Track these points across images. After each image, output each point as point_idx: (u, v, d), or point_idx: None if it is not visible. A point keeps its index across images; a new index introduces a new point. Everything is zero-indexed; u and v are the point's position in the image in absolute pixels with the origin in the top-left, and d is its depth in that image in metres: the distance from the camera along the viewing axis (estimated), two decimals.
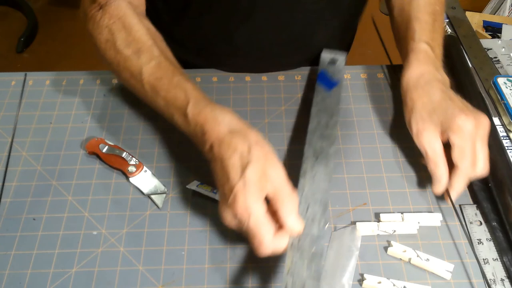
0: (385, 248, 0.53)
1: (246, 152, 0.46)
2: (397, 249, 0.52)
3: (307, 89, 0.69)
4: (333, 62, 0.70)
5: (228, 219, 0.47)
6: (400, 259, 0.52)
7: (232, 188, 0.45)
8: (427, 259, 0.51)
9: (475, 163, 0.53)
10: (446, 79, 0.60)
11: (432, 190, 0.56)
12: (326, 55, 0.71)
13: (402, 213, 0.55)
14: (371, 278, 0.50)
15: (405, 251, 0.52)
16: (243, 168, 0.46)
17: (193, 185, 0.57)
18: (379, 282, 0.50)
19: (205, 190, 0.56)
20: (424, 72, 0.59)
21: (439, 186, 0.55)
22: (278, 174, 0.46)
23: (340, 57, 0.71)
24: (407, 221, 0.54)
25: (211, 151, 0.49)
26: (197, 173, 0.60)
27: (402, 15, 0.66)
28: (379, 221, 0.55)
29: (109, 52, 0.57)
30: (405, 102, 0.59)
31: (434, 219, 0.54)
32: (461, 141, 0.53)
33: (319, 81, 0.67)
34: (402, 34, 0.65)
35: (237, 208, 0.45)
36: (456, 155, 0.53)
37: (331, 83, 0.66)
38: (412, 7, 0.64)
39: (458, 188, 0.54)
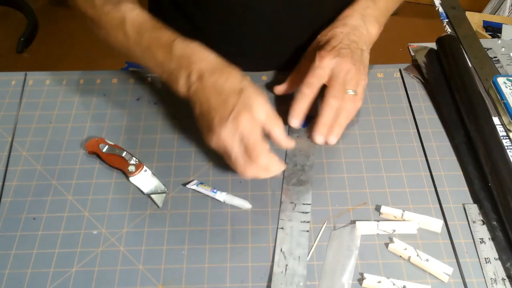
0: (386, 245, 0.53)
1: (239, 79, 0.53)
2: (398, 246, 0.52)
3: None
4: None
5: (225, 135, 0.50)
6: (400, 256, 0.52)
7: (234, 106, 0.50)
8: (427, 260, 0.51)
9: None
10: (362, 29, 0.63)
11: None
12: None
13: (403, 210, 0.55)
14: (371, 277, 0.50)
15: (405, 248, 0.52)
16: (241, 91, 0.51)
17: (193, 185, 0.57)
18: (379, 282, 0.50)
19: (205, 190, 0.57)
20: (349, 16, 0.64)
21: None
22: (267, 103, 0.52)
23: None
24: (408, 219, 0.54)
25: (200, 79, 0.53)
26: (197, 173, 0.60)
27: None
28: (380, 214, 0.55)
29: (89, 11, 0.60)
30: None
31: (435, 224, 0.54)
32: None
33: None
34: None
35: (240, 124, 0.50)
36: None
37: (306, 118, 0.60)
38: None
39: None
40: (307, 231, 0.54)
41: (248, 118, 0.50)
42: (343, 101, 0.57)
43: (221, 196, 0.56)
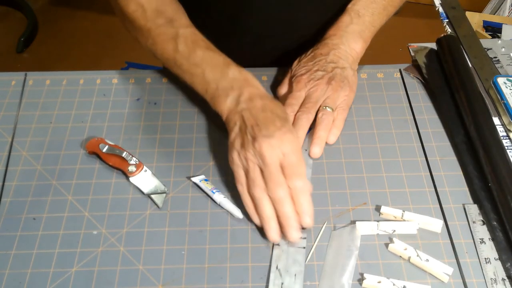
0: (386, 245, 0.53)
1: (284, 110, 0.57)
2: (398, 246, 0.52)
3: None
4: None
5: (270, 145, 0.52)
6: (400, 257, 0.52)
7: (281, 127, 0.53)
8: (427, 260, 0.51)
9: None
10: (343, 48, 0.65)
11: None
12: None
13: (403, 210, 0.55)
14: (371, 277, 0.50)
15: (406, 248, 0.52)
16: (286, 119, 0.55)
17: (197, 179, 0.58)
18: (379, 282, 0.50)
19: (205, 187, 0.57)
20: (331, 35, 0.67)
21: None
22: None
23: None
24: (408, 219, 0.54)
25: (250, 100, 0.56)
26: (197, 173, 0.60)
27: None
28: (380, 214, 0.55)
29: (138, 21, 0.63)
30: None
31: (436, 224, 0.54)
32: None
33: None
34: None
35: (284, 141, 0.52)
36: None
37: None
38: None
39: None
40: (304, 247, 0.53)
41: (293, 139, 0.53)
42: (317, 117, 0.61)
43: (218, 197, 0.56)
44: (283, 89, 0.66)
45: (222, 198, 0.56)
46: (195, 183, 0.58)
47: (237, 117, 0.56)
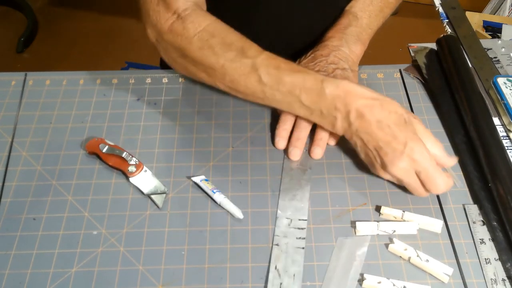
0: (386, 245, 0.53)
1: (400, 111, 0.54)
2: (398, 247, 0.52)
3: None
4: None
5: (403, 168, 0.53)
6: (400, 257, 0.52)
7: (405, 140, 0.52)
8: (427, 260, 0.51)
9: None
10: (343, 50, 0.65)
11: None
12: None
13: (403, 211, 0.55)
14: (371, 278, 0.50)
15: (406, 249, 0.52)
16: (406, 124, 0.53)
17: (198, 179, 0.58)
18: (379, 282, 0.50)
19: (206, 187, 0.57)
20: (331, 37, 0.66)
21: None
22: (430, 133, 0.56)
23: None
24: (408, 219, 0.54)
25: (361, 117, 0.53)
26: (197, 173, 0.60)
27: None
28: (380, 214, 0.55)
29: (207, 59, 0.58)
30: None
31: (436, 225, 0.54)
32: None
33: None
34: None
35: (416, 157, 0.52)
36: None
37: None
38: None
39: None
40: (303, 248, 0.53)
41: (422, 150, 0.52)
42: None
43: (218, 197, 0.56)
44: None
45: (222, 198, 0.56)
46: (195, 183, 0.58)
47: (355, 138, 0.55)
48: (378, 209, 0.56)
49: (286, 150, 0.61)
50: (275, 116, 0.65)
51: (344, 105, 0.54)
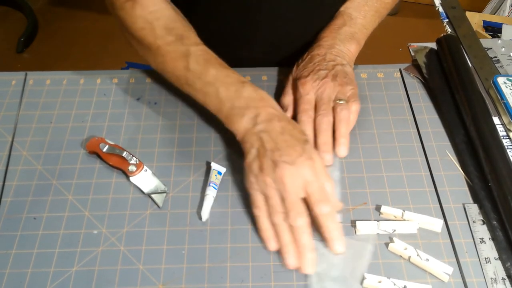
0: (386, 245, 0.53)
1: (303, 132, 0.56)
2: (398, 246, 0.52)
3: None
4: None
5: (287, 175, 0.51)
6: (400, 256, 0.52)
7: (301, 152, 0.52)
8: (427, 259, 0.51)
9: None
10: (339, 48, 0.66)
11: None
12: None
13: (403, 210, 0.55)
14: (371, 277, 0.50)
15: (406, 248, 0.52)
16: (305, 142, 0.54)
17: (216, 166, 0.59)
18: (380, 282, 0.50)
19: (211, 176, 0.57)
20: (324, 37, 0.67)
21: None
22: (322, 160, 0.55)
23: None
24: (408, 219, 0.54)
25: (269, 121, 0.55)
26: (197, 173, 0.60)
27: None
28: (380, 213, 0.55)
29: (146, 39, 0.61)
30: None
31: (436, 224, 0.54)
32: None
33: None
34: None
35: (305, 169, 0.51)
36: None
37: None
38: None
39: None
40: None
41: (312, 167, 0.52)
42: (334, 113, 0.60)
43: (208, 191, 0.56)
44: (287, 97, 0.64)
45: (209, 194, 0.56)
46: (210, 167, 0.59)
47: (254, 138, 0.55)
48: (378, 208, 0.56)
49: None
50: None
51: (255, 107, 0.56)
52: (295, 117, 0.62)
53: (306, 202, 0.52)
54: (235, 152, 0.61)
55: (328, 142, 0.59)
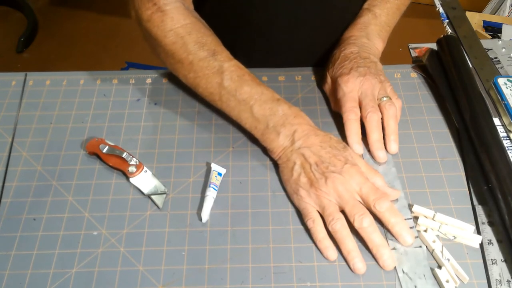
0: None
1: (339, 141, 0.57)
2: (429, 236, 0.52)
3: (308, 89, 0.69)
4: None
5: (338, 183, 0.53)
6: (421, 246, 0.52)
7: (346, 159, 0.54)
8: (448, 259, 0.51)
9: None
10: (369, 45, 0.66)
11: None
12: None
13: (435, 211, 0.54)
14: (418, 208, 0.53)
15: (434, 241, 0.52)
16: (345, 148, 0.56)
17: (216, 167, 0.59)
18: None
19: (211, 178, 0.57)
20: (354, 36, 0.67)
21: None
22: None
23: None
24: (439, 220, 0.54)
25: (306, 137, 0.56)
26: (197, 173, 0.60)
27: None
28: (411, 212, 0.55)
29: (178, 53, 0.60)
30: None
31: (475, 240, 0.53)
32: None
33: None
34: None
35: (353, 174, 0.53)
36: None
37: None
38: None
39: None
40: (420, 246, 0.52)
41: (359, 170, 0.54)
42: (383, 110, 0.61)
43: (208, 192, 0.56)
44: (332, 98, 0.65)
45: (209, 195, 0.56)
46: (210, 168, 0.59)
47: (295, 155, 0.56)
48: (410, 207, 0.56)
49: None
50: None
51: (291, 124, 0.57)
52: None
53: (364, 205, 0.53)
54: (234, 152, 0.61)
55: (381, 140, 0.60)
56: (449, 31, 0.74)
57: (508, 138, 0.61)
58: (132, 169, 0.58)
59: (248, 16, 0.72)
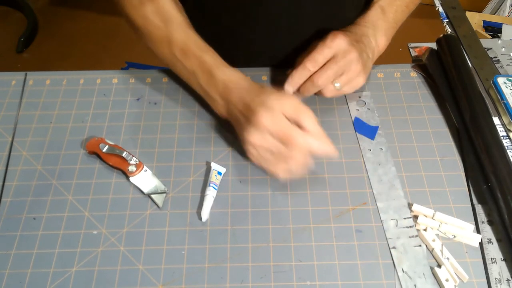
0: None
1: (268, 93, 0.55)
2: (429, 235, 0.52)
3: None
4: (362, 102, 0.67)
5: (254, 141, 0.54)
6: (420, 245, 0.52)
7: (254, 109, 0.54)
8: (447, 258, 0.51)
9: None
10: (373, 43, 0.66)
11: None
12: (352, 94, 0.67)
13: (435, 210, 0.55)
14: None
15: (434, 240, 0.52)
16: (259, 93, 0.55)
17: (216, 166, 0.59)
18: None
19: (211, 177, 0.57)
20: (361, 25, 0.66)
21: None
22: (288, 98, 0.55)
23: (365, 93, 0.68)
24: (438, 219, 0.54)
25: (240, 99, 0.57)
26: (197, 173, 0.60)
27: None
28: (411, 211, 0.55)
29: (138, 20, 0.64)
30: None
31: (474, 239, 0.53)
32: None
33: (358, 131, 0.64)
34: None
35: (262, 123, 0.53)
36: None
37: (370, 129, 0.64)
38: None
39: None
40: (420, 245, 0.52)
41: (285, 96, 0.54)
42: (325, 88, 0.61)
43: (208, 191, 0.56)
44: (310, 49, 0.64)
45: (209, 194, 0.56)
46: (209, 167, 0.59)
47: (231, 116, 0.58)
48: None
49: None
50: None
51: (226, 92, 0.58)
52: None
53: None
54: (234, 152, 0.61)
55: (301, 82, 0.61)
56: (449, 30, 0.74)
57: (507, 137, 0.61)
58: (132, 168, 0.58)
59: (248, 16, 0.72)
